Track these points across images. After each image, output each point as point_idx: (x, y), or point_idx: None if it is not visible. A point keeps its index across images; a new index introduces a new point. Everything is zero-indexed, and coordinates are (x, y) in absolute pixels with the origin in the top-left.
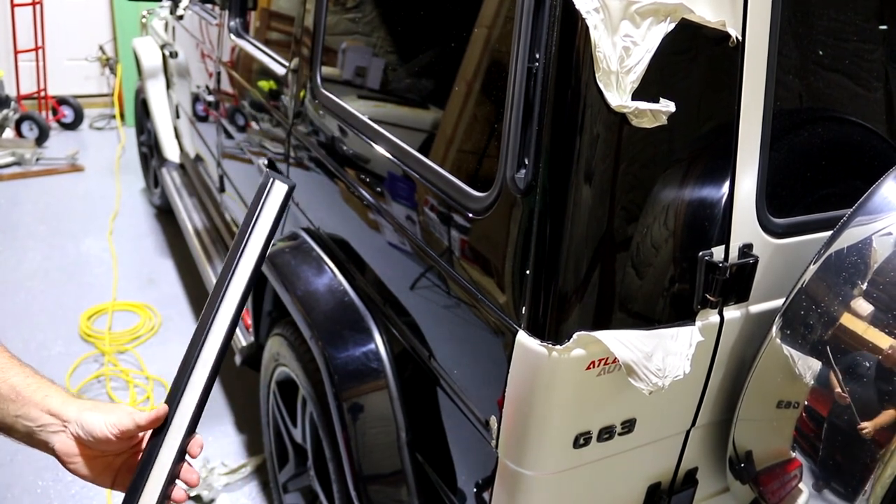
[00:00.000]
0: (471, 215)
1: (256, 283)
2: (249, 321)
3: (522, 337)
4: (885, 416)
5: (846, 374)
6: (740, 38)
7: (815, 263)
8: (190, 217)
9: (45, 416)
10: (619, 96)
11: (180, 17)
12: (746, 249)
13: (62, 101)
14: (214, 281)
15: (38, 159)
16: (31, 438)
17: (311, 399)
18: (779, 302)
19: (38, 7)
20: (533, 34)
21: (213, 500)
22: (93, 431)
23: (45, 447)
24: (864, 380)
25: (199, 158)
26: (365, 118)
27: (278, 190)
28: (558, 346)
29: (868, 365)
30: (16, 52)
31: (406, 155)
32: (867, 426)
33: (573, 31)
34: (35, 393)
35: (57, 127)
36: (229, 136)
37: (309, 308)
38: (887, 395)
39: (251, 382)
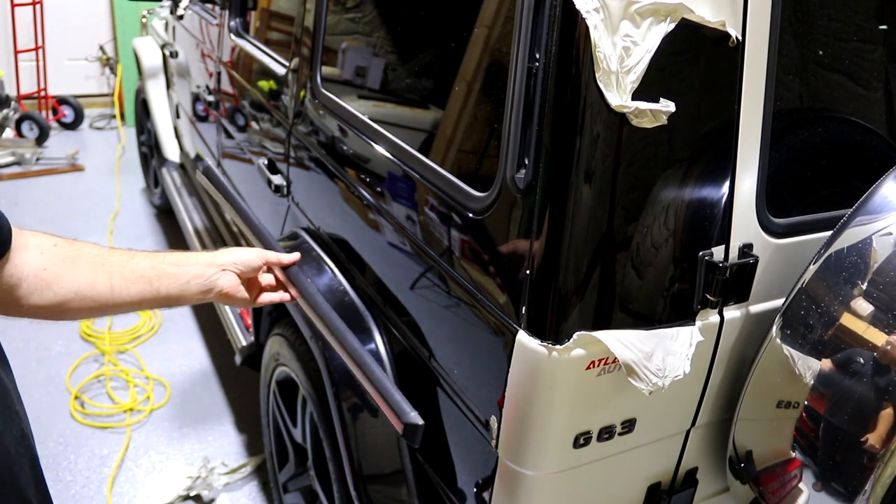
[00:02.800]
0: (471, 215)
1: None
2: (249, 321)
3: (522, 337)
4: (885, 416)
5: (846, 374)
6: (740, 38)
7: (815, 263)
8: (190, 217)
9: (208, 269)
10: (619, 96)
11: (180, 17)
12: (746, 249)
13: (62, 100)
14: None
15: (38, 159)
16: (202, 294)
17: (311, 399)
18: (779, 302)
19: (38, 7)
20: (533, 34)
21: (213, 500)
22: (251, 263)
23: (212, 294)
24: (864, 379)
25: (199, 158)
26: (365, 118)
27: None
28: (558, 346)
29: (868, 365)
30: (16, 52)
31: (406, 155)
32: (867, 426)
33: (573, 31)
34: (188, 259)
35: (57, 127)
36: (229, 135)
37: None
38: (887, 394)
39: (251, 382)
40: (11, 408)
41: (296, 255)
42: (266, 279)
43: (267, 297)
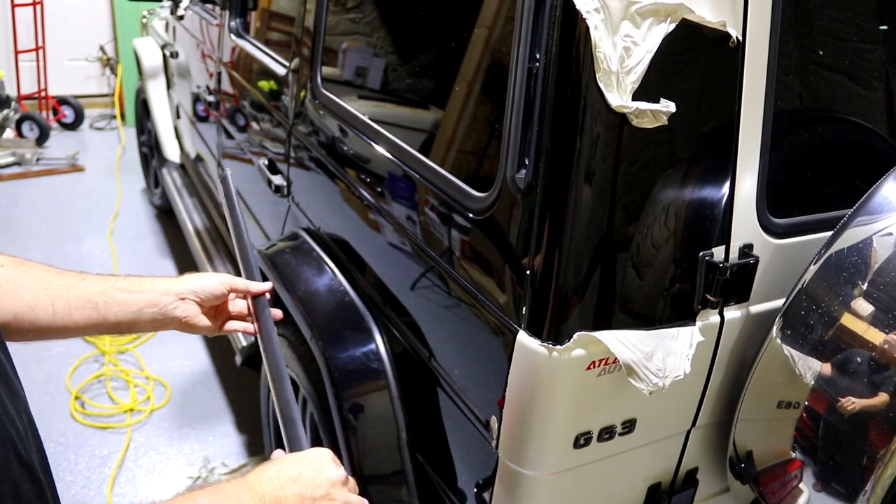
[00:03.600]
0: (471, 215)
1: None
2: None
3: (523, 337)
4: (886, 416)
5: (846, 375)
6: (741, 38)
7: (815, 264)
8: (190, 217)
9: (163, 297)
10: (619, 96)
11: (181, 18)
12: (747, 250)
13: (63, 101)
14: None
15: (38, 159)
16: (156, 323)
17: (311, 399)
18: (779, 302)
19: (38, 7)
20: (533, 34)
21: None
22: (213, 291)
23: (169, 322)
24: (864, 380)
25: (199, 159)
26: (365, 118)
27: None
28: (559, 347)
29: (868, 365)
30: (16, 52)
31: (406, 155)
32: (867, 426)
33: (573, 31)
34: (143, 286)
35: (57, 127)
36: (230, 136)
37: (309, 308)
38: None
39: (251, 382)
40: (19, 395)
41: (266, 285)
42: (239, 305)
43: (232, 326)
